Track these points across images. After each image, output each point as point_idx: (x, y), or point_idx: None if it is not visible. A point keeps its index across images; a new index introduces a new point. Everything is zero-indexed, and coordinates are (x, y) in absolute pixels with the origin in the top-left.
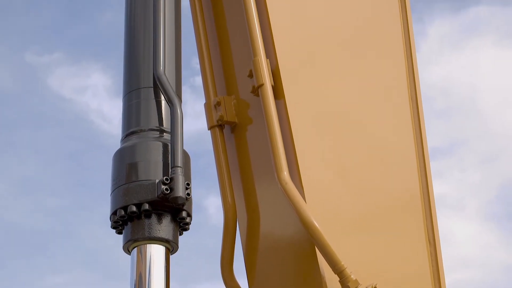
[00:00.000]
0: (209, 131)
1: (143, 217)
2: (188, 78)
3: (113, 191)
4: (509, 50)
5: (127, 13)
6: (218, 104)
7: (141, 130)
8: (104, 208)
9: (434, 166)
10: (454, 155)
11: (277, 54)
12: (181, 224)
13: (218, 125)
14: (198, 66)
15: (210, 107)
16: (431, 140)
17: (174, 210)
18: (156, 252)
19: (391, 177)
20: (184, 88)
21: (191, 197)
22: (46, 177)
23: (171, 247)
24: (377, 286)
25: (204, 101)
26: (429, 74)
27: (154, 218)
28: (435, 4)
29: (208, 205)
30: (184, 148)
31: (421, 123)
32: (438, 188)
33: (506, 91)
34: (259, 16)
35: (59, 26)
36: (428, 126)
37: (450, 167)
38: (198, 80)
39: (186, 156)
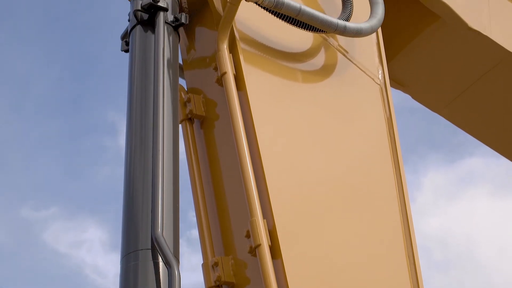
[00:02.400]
0: None
1: None
2: (185, 231)
3: None
4: (504, 200)
5: (126, 169)
6: (215, 264)
7: None
8: None
9: None
10: None
11: (274, 214)
12: None
13: (216, 286)
14: (195, 219)
15: (208, 268)
16: None
17: None
18: None
19: None
20: (180, 242)
21: None
22: None
23: None
24: None
25: (201, 261)
26: (425, 225)
27: None
28: (429, 156)
29: None
30: None
31: (418, 276)
32: None
33: (503, 241)
34: (255, 176)
35: (56, 181)
36: (427, 278)
37: None
38: (195, 233)
39: None
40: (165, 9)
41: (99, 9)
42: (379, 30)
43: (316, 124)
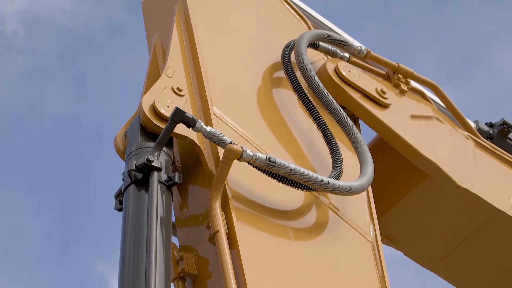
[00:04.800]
0: None
1: None
2: None
3: None
4: None
5: None
6: None
7: None
8: None
9: None
10: None
11: None
12: None
13: None
14: None
15: None
16: None
17: None
18: None
19: None
20: None
21: None
22: None
23: None
24: None
25: None
26: None
27: None
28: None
29: None
30: None
31: None
32: None
33: None
34: None
35: None
36: None
37: None
38: None
39: None
40: (159, 169)
41: (91, 161)
42: (369, 188)
43: (308, 282)
